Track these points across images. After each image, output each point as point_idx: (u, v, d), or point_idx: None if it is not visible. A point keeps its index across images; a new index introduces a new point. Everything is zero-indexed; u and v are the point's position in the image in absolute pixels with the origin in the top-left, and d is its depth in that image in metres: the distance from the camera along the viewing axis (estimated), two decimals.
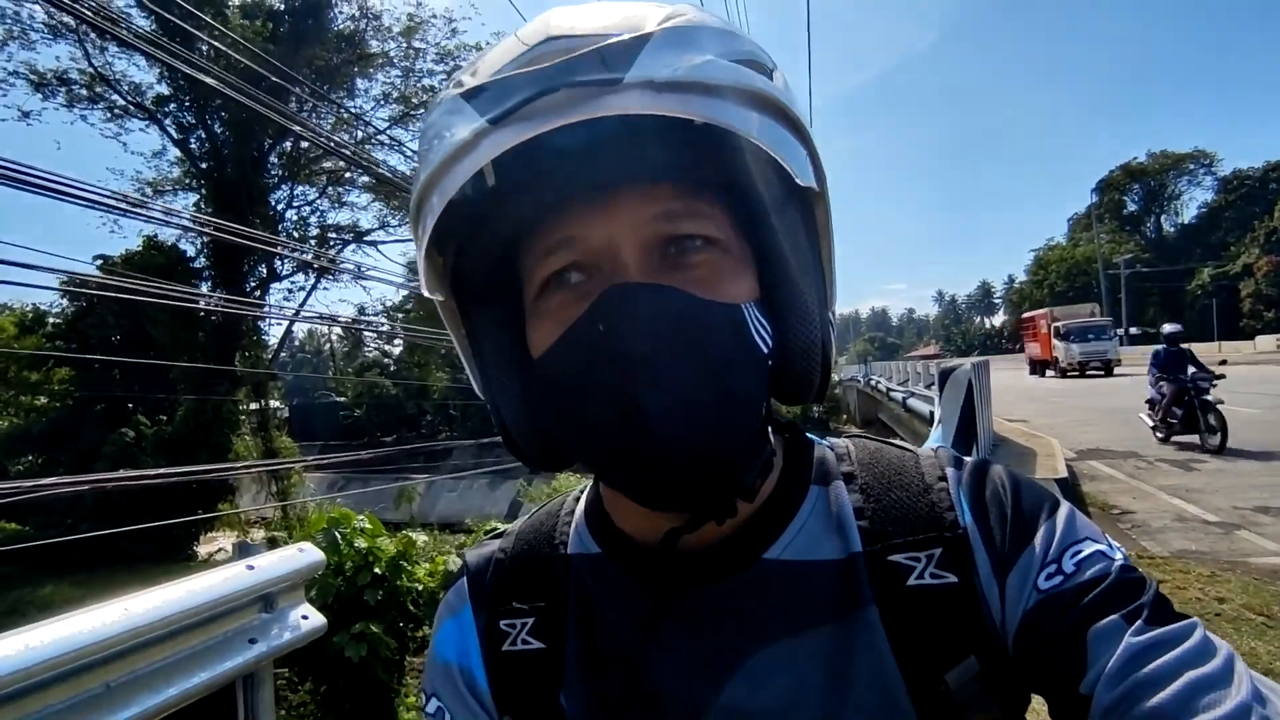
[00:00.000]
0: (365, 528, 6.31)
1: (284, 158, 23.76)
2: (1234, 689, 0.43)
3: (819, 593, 0.55)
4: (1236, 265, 50.21)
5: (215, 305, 17.26)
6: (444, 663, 0.64)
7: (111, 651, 1.73)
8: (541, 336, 0.53)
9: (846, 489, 0.60)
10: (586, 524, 0.65)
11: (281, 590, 2.28)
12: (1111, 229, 68.72)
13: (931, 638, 0.53)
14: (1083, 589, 0.50)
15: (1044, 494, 0.57)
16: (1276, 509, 6.70)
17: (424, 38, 23.62)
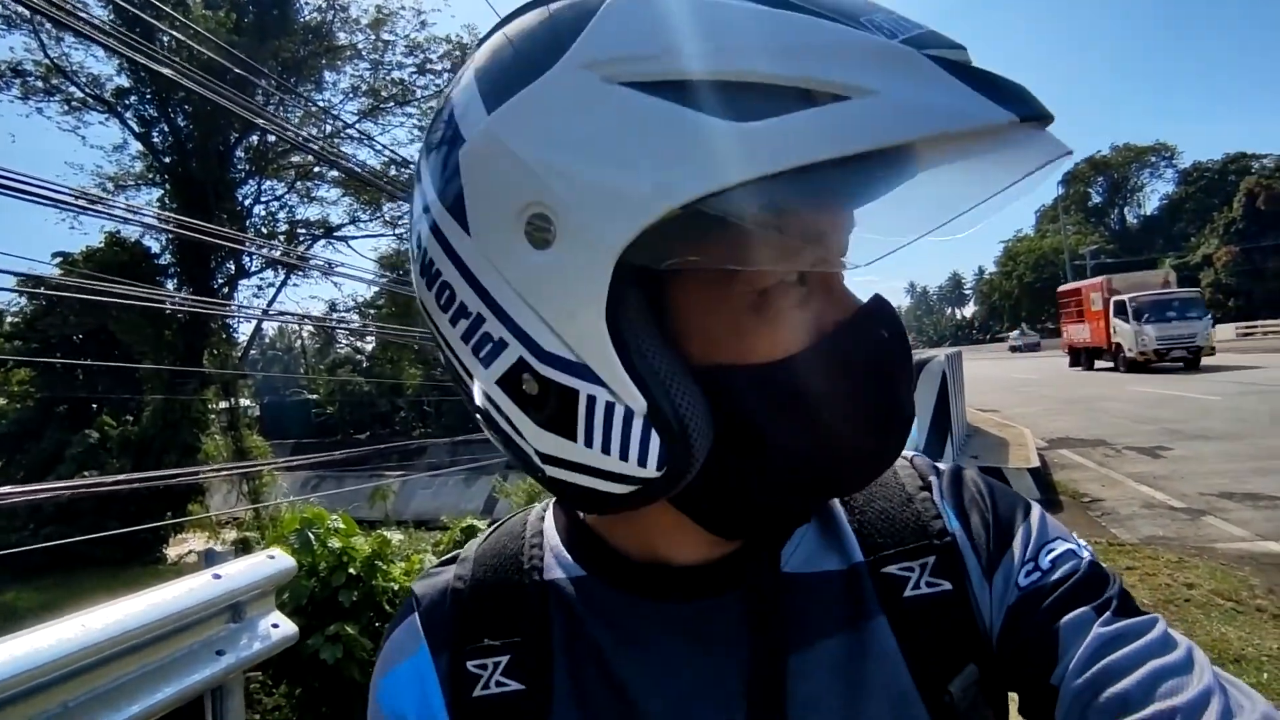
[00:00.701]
0: (339, 527, 6.23)
1: (251, 152, 23.25)
2: (1195, 678, 0.44)
3: (827, 603, 0.54)
4: (1196, 256, 51.44)
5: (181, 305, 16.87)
6: (397, 717, 0.55)
7: (69, 670, 1.66)
8: (784, 336, 0.46)
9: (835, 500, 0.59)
10: (565, 545, 0.59)
11: (250, 599, 2.22)
12: (1077, 220, 70.08)
13: (934, 648, 0.52)
14: (1056, 584, 0.51)
15: (1016, 497, 0.59)
16: (1240, 494, 6.88)
17: (393, 30, 23.26)
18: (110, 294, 10.50)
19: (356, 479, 21.21)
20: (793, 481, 0.50)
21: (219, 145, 21.82)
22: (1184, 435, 10.18)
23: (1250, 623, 4.17)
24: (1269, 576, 4.82)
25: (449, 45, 23.43)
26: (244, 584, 2.19)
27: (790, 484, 0.50)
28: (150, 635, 1.87)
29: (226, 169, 22.18)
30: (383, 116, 24.46)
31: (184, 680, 1.96)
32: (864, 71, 0.38)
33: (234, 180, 22.78)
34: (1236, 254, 46.25)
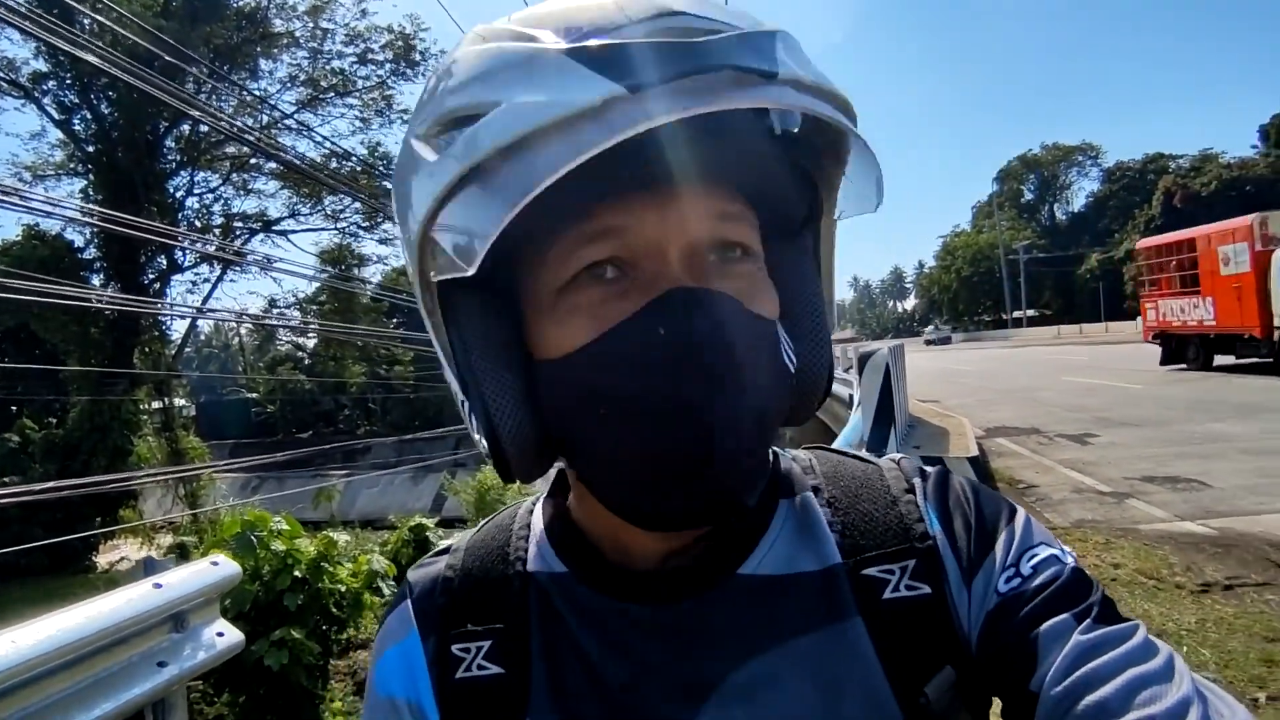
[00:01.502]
0: (283, 529, 6.06)
1: (182, 142, 22.29)
2: (1175, 685, 0.44)
3: (800, 605, 0.54)
4: (1120, 251, 53.87)
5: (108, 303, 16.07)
6: (388, 697, 0.58)
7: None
8: (571, 333, 0.48)
9: (815, 501, 0.59)
10: (549, 541, 0.61)
11: (194, 607, 2.16)
12: (1011, 216, 72.60)
13: (911, 650, 0.52)
14: (1037, 590, 0.51)
15: (1001, 501, 0.58)
16: (1161, 478, 7.27)
17: (332, 18, 22.58)
18: (31, 292, 9.92)
19: (299, 480, 20.66)
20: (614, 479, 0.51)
21: (147, 134, 20.84)
22: (1111, 423, 10.70)
23: (1170, 599, 4.42)
24: (1186, 555, 5.11)
25: (391, 35, 22.88)
26: (186, 592, 2.13)
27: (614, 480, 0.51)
28: (87, 649, 1.80)
29: (156, 159, 21.21)
30: (322, 107, 23.75)
31: (123, 695, 1.90)
32: (500, 87, 0.43)
33: (164, 171, 21.80)
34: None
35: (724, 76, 0.40)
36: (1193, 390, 12.84)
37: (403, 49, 23.05)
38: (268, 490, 20.34)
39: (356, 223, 25.14)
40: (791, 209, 0.54)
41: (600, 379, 0.47)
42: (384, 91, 23.71)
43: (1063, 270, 60.14)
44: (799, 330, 0.55)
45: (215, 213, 24.40)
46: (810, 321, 0.56)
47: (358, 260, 26.56)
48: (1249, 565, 4.79)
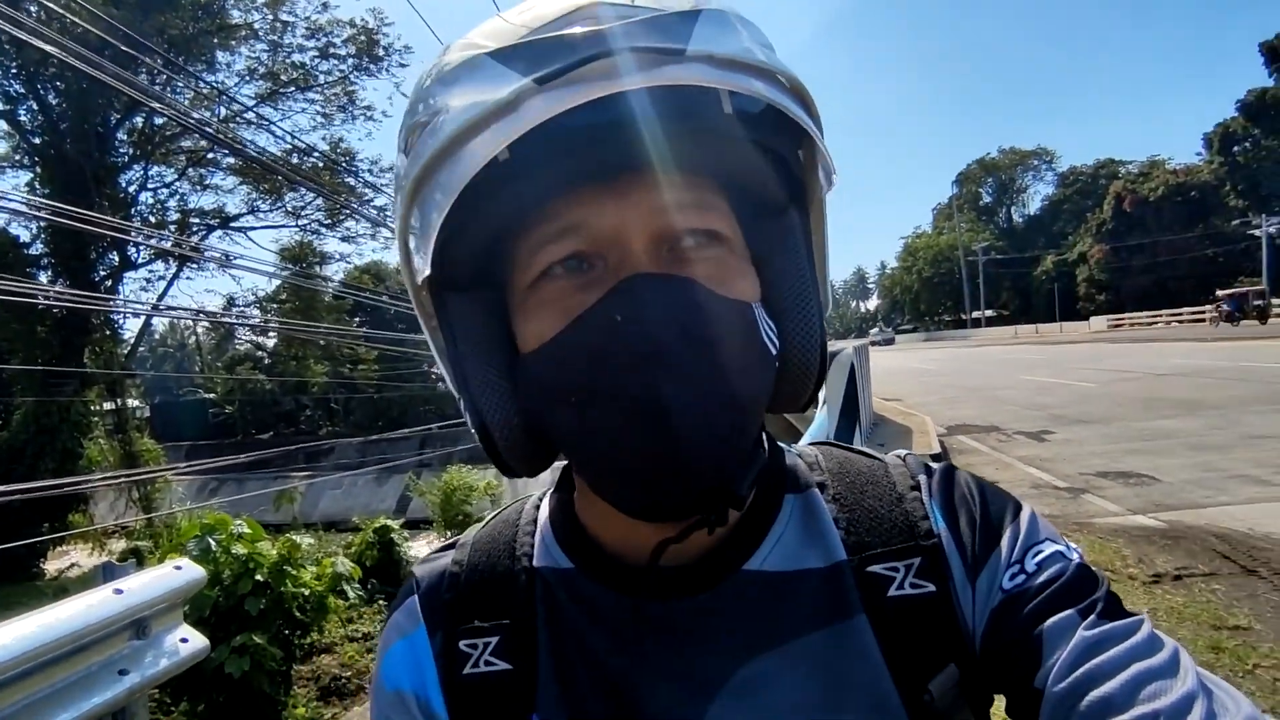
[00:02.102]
0: (244, 533, 5.94)
1: (135, 134, 21.57)
2: (1180, 680, 0.44)
3: (805, 602, 0.54)
4: (1073, 253, 55.45)
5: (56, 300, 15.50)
6: (395, 691, 0.58)
7: None
8: (539, 327, 0.50)
9: (821, 497, 0.59)
10: (554, 536, 0.61)
11: (156, 613, 2.10)
12: (970, 219, 74.14)
13: (915, 647, 0.52)
14: (1042, 587, 0.51)
15: (1007, 497, 0.58)
16: (1114, 473, 7.51)
17: (292, 10, 22.04)
18: None
19: (260, 482, 20.19)
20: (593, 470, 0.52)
21: (97, 126, 20.13)
22: (1066, 420, 10.99)
23: (1124, 590, 4.56)
24: (1139, 547, 5.29)
25: (354, 30, 22.45)
26: (149, 598, 2.07)
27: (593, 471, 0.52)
28: (44, 658, 1.74)
29: (107, 152, 20.49)
30: (282, 101, 23.19)
31: (82, 704, 1.84)
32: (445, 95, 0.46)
33: (116, 165, 21.06)
34: (1107, 252, 50.19)
35: (627, 59, 0.41)
36: (1141, 389, 13.27)
37: (365, 44, 22.62)
38: (227, 493, 19.84)
39: (319, 220, 24.64)
40: (768, 189, 0.54)
41: (565, 370, 0.48)
42: (346, 87, 23.25)
43: (1019, 272, 61.68)
44: (784, 311, 0.54)
45: (170, 208, 23.68)
46: (796, 302, 0.55)
47: (319, 258, 26.03)
48: (1196, 556, 4.97)
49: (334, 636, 7.08)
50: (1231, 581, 4.50)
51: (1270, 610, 4.03)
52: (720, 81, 0.42)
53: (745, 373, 0.48)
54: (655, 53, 0.42)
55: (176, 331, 61.08)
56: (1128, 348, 24.18)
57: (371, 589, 8.14)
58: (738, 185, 0.52)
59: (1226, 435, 8.51)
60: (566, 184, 0.48)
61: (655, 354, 0.44)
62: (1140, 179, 51.94)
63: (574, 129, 0.43)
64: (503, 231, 0.51)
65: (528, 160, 0.44)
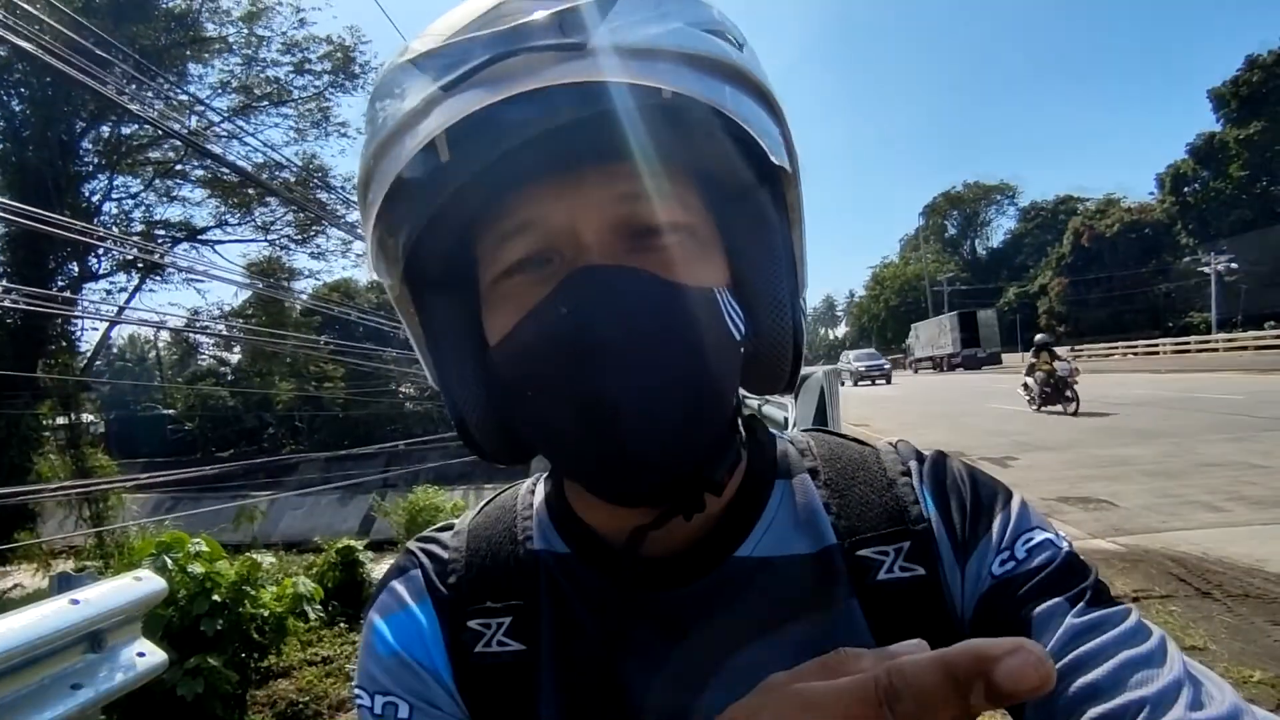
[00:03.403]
0: (202, 551, 5.77)
1: (101, 144, 21.16)
2: (1166, 668, 0.44)
3: (797, 587, 0.54)
4: (1034, 285, 57.10)
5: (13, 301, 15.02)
6: (395, 653, 0.57)
7: None
8: (499, 323, 0.51)
9: (812, 483, 0.59)
10: (550, 520, 0.61)
11: (113, 626, 2.03)
12: (936, 250, 75.94)
13: (905, 630, 0.51)
14: (1031, 573, 0.51)
15: (998, 485, 0.58)
16: (1073, 498, 7.66)
17: (268, 25, 21.94)
18: None
19: (218, 499, 19.63)
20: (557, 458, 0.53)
21: (62, 134, 19.71)
22: (1029, 446, 11.21)
23: None
24: (1099, 570, 5.40)
25: (330, 46, 22.39)
26: (105, 609, 2.01)
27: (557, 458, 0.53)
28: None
29: (71, 161, 20.05)
30: (256, 115, 22.97)
31: (33, 719, 1.77)
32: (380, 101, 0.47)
33: (80, 174, 20.61)
34: (1066, 285, 51.71)
35: (526, 60, 0.41)
36: (1100, 419, 13.62)
37: (342, 60, 22.57)
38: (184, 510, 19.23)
39: (289, 235, 24.34)
40: (731, 170, 0.52)
41: (520, 364, 0.49)
42: (321, 103, 23.14)
43: (983, 302, 63.11)
44: (752, 296, 0.54)
45: (135, 219, 23.22)
46: (765, 287, 0.54)
47: (288, 274, 25.67)
48: (1154, 579, 5.09)
49: (293, 660, 6.86)
50: (1187, 603, 4.61)
51: (1224, 631, 4.14)
52: (623, 73, 0.41)
53: (703, 358, 0.48)
54: (555, 49, 0.41)
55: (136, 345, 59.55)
56: (1086, 378, 24.83)
57: (333, 611, 7.92)
58: (697, 169, 0.52)
59: (1181, 463, 8.75)
60: (515, 180, 0.48)
61: (600, 345, 0.45)
62: (1098, 215, 53.79)
63: (519, 126, 0.43)
64: (467, 230, 0.52)
65: (472, 159, 0.45)
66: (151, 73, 16.50)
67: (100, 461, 19.77)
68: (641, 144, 0.47)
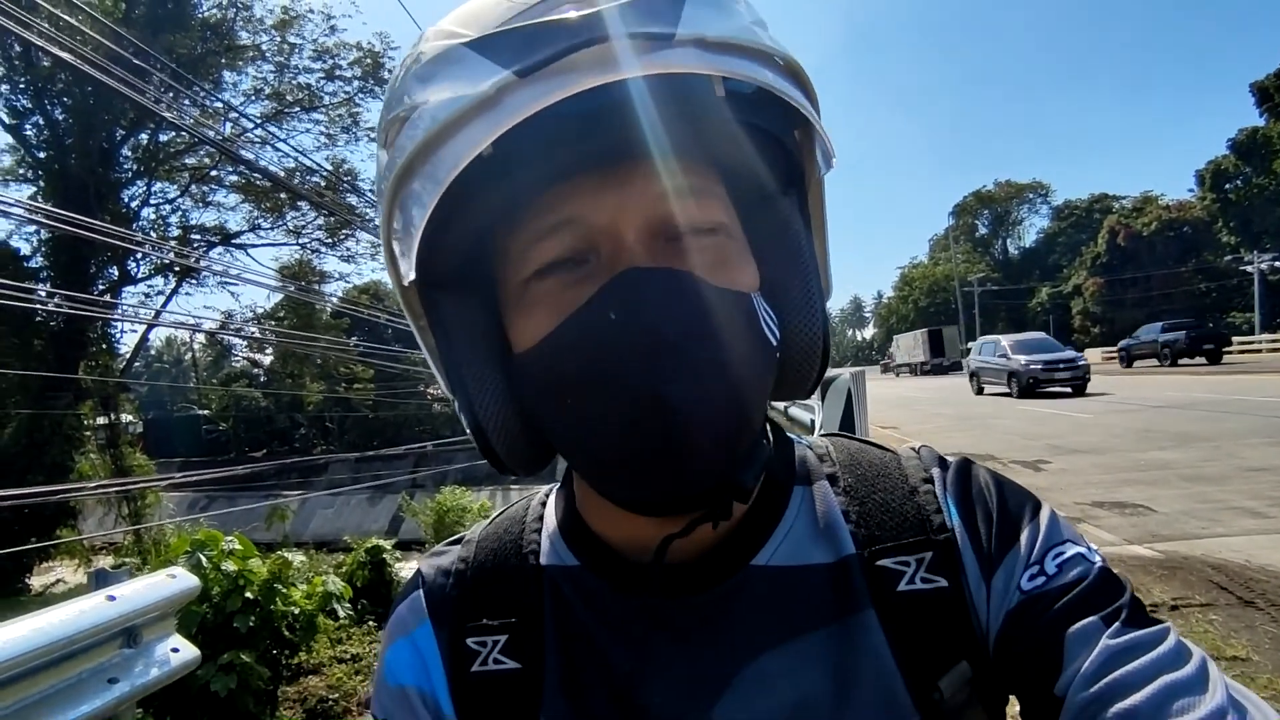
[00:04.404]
0: (235, 549, 5.89)
1: (140, 151, 21.74)
2: (1209, 694, 0.42)
3: (813, 597, 0.53)
4: (1068, 286, 55.92)
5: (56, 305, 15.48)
6: (398, 686, 0.58)
7: None
8: (534, 325, 0.48)
9: (831, 490, 0.58)
10: (560, 533, 0.60)
11: (148, 622, 2.08)
12: (966, 250, 74.80)
13: (925, 643, 0.51)
14: (1063, 590, 0.49)
15: (1026, 495, 0.56)
16: (1109, 503, 7.49)
17: (300, 33, 22.37)
18: None
19: (250, 499, 20.03)
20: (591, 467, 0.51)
21: (102, 142, 20.29)
22: (1062, 450, 10.97)
23: None
24: (1135, 577, 5.27)
25: (359, 52, 22.77)
26: (141, 605, 2.05)
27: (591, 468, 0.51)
28: (34, 663, 1.73)
29: (110, 168, 20.62)
30: (287, 121, 23.44)
31: (70, 712, 1.82)
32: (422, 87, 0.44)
33: (119, 180, 21.20)
34: (1101, 285, 50.61)
35: (614, 47, 0.39)
36: (1135, 420, 13.30)
37: (371, 66, 22.93)
38: (218, 510, 19.66)
39: (319, 238, 24.79)
40: (765, 174, 0.52)
41: (561, 368, 0.47)
42: (350, 108, 23.54)
43: (1015, 303, 62.13)
44: (784, 300, 0.53)
45: (172, 224, 23.83)
46: (796, 290, 0.53)
47: (318, 277, 26.14)
48: (1193, 587, 4.95)
49: (322, 657, 6.97)
50: (1229, 612, 4.48)
51: (1268, 641, 4.01)
52: (712, 66, 0.41)
53: (745, 364, 0.47)
54: (644, 38, 0.40)
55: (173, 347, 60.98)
56: (1123, 380, 24.27)
57: (362, 609, 8.03)
58: (733, 170, 0.51)
59: (1222, 467, 8.51)
60: (557, 176, 0.46)
61: (653, 350, 0.43)
62: (1134, 214, 52.58)
63: (563, 119, 0.41)
64: (492, 227, 0.50)
65: (515, 153, 0.43)
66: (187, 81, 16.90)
67: (138, 460, 20.31)
68: (688, 140, 0.45)
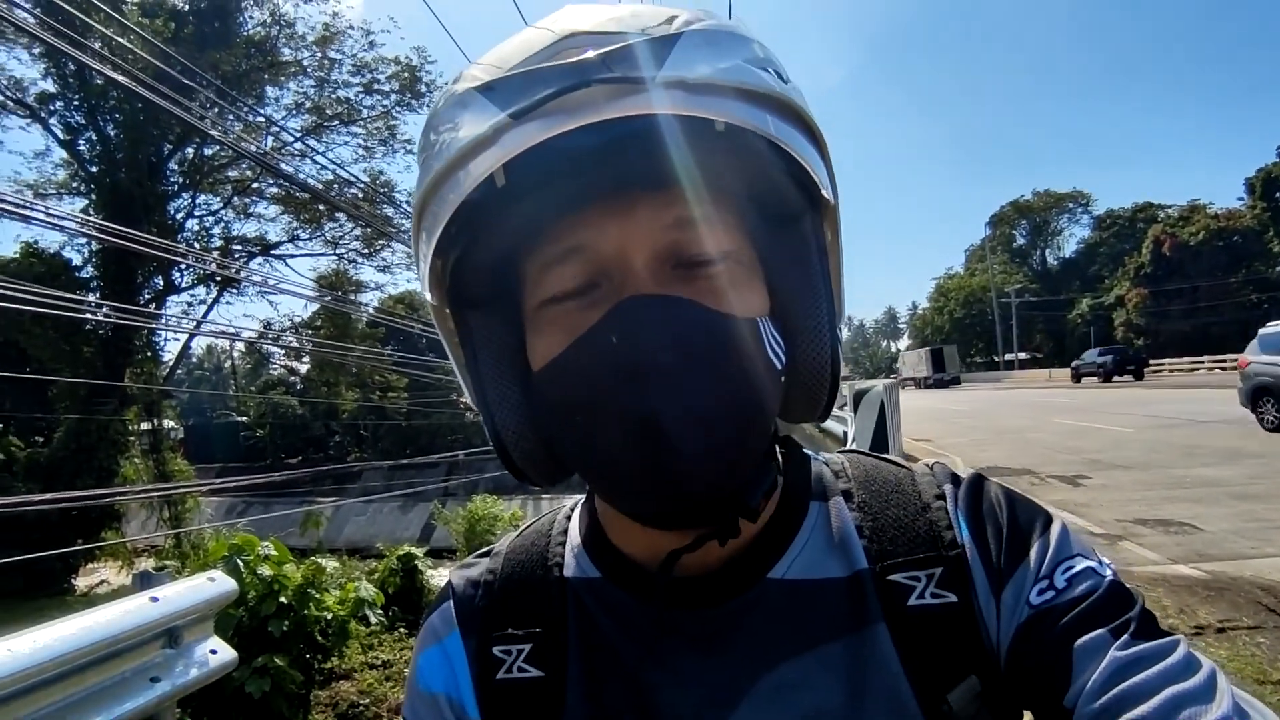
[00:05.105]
0: (270, 554, 5.99)
1: (185, 165, 22.49)
2: (1215, 705, 0.43)
3: (828, 610, 0.55)
4: (1110, 297, 54.47)
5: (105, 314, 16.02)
6: (428, 692, 0.60)
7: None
8: (546, 347, 0.52)
9: (846, 506, 0.59)
10: (583, 545, 0.63)
11: (188, 623, 2.14)
12: (1003, 261, 73.40)
13: (934, 657, 0.52)
14: (1072, 604, 0.50)
15: (1038, 510, 0.57)
16: (1152, 520, 7.27)
17: (340, 48, 22.98)
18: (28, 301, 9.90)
19: (286, 505, 20.39)
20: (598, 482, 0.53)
21: (150, 156, 21.02)
22: (1102, 465, 10.69)
23: None
24: (1180, 597, 5.11)
25: (397, 67, 23.27)
26: (182, 607, 2.11)
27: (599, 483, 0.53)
28: (81, 660, 1.78)
29: (158, 181, 21.34)
30: (326, 134, 24.03)
31: (115, 709, 1.87)
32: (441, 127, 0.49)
33: (166, 193, 21.93)
34: (1145, 296, 49.26)
35: (595, 91, 0.43)
36: (1180, 435, 12.91)
37: (408, 80, 23.43)
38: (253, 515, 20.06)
39: (356, 249, 25.31)
40: (777, 199, 0.54)
41: (567, 389, 0.49)
42: (388, 121, 24.05)
43: (1054, 314, 60.75)
44: (793, 325, 0.55)
45: (215, 235, 24.55)
46: (806, 315, 0.55)
47: (355, 286, 26.66)
48: (1240, 609, 4.79)
49: (354, 663, 7.05)
50: (1278, 635, 4.32)
51: None
52: (688, 108, 0.43)
53: (745, 387, 0.49)
54: (625, 82, 0.43)
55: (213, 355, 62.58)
56: (1168, 393, 23.57)
57: (393, 616, 8.12)
58: (743, 197, 0.53)
59: (1272, 485, 8.22)
60: (569, 205, 0.49)
61: (648, 373, 0.45)
62: (1180, 223, 51.08)
63: (569, 154, 0.44)
64: (514, 251, 0.53)
65: (527, 184, 0.47)
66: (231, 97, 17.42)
67: (179, 466, 20.86)
68: (690, 173, 0.48)
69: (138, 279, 21.01)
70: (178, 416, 30.75)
